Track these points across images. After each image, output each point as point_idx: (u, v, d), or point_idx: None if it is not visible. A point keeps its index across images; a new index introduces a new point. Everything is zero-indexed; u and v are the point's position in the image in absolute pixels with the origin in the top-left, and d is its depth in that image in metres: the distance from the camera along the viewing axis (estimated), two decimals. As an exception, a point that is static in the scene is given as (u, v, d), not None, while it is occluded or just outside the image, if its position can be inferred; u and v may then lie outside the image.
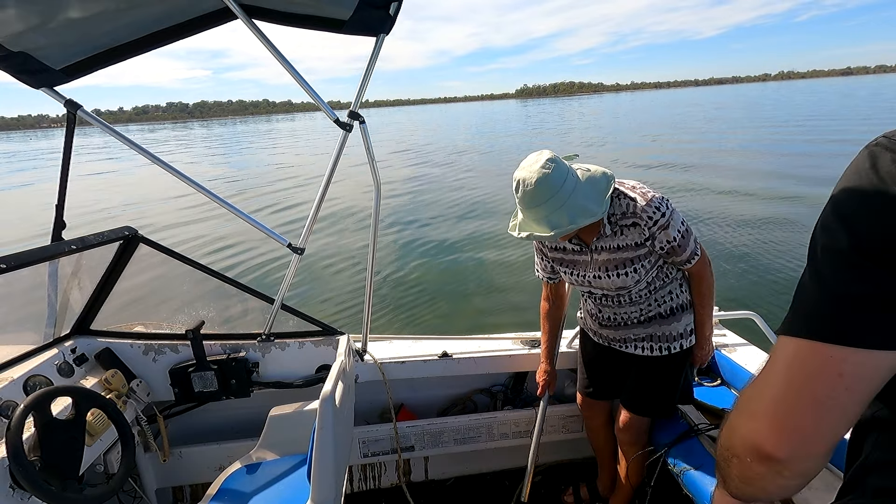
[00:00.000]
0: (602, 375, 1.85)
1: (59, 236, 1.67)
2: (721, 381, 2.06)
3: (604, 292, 1.61)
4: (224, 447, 1.98)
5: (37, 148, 53.21)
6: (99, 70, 1.69)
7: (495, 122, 41.91)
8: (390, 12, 1.49)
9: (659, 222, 1.43)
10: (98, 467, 1.64)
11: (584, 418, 2.00)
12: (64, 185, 1.69)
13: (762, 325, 2.17)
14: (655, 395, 1.67)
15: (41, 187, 16.93)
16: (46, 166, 26.12)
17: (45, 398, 1.33)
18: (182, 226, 8.28)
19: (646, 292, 1.58)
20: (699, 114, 33.96)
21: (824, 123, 20.69)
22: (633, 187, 1.47)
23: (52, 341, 1.77)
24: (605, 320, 1.70)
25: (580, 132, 24.59)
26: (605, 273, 1.53)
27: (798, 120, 23.28)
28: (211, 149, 32.69)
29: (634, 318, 1.64)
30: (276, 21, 1.58)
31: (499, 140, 24.28)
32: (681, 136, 19.32)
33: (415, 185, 11.32)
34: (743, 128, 21.80)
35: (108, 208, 10.81)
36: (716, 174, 10.42)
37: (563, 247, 1.62)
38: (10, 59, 1.48)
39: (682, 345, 1.63)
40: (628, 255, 1.49)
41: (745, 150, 14.22)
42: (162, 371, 1.88)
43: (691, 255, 1.50)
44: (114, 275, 1.78)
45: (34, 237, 7.72)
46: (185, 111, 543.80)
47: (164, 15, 1.53)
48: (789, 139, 16.45)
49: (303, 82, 1.62)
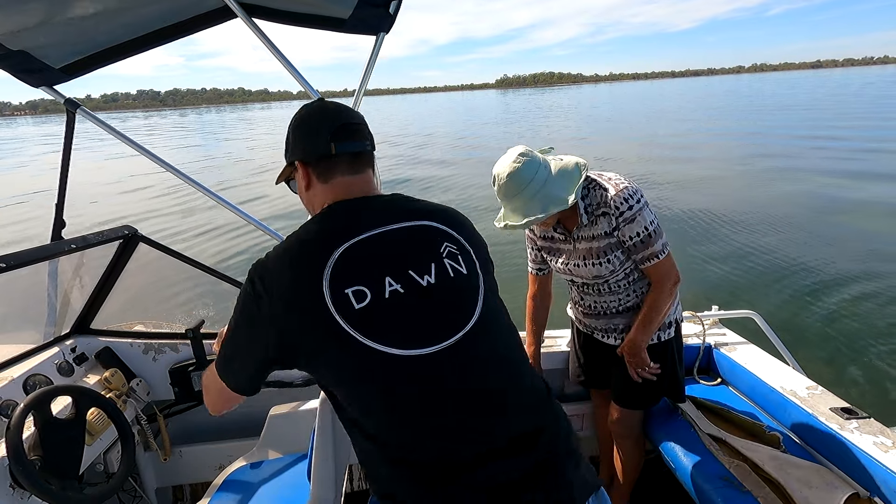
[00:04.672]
0: (589, 364, 1.88)
1: (59, 235, 1.67)
2: (721, 380, 2.06)
3: (584, 281, 1.65)
4: (224, 446, 1.98)
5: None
6: (98, 69, 1.69)
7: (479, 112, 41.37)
8: (390, 11, 1.49)
9: (625, 214, 1.45)
10: (98, 466, 1.64)
11: (593, 406, 2.07)
12: (63, 184, 1.69)
13: (762, 324, 2.17)
14: (640, 388, 1.68)
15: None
16: (6, 155, 25.57)
17: (45, 397, 1.33)
18: (176, 220, 8.27)
19: (625, 283, 1.61)
20: (693, 104, 33.86)
21: (814, 115, 20.69)
22: (609, 178, 1.51)
23: (52, 340, 1.77)
24: (587, 309, 1.73)
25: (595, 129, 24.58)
26: (583, 262, 1.58)
27: (795, 113, 23.31)
28: (187, 139, 32.20)
29: (614, 307, 1.67)
30: (276, 20, 1.58)
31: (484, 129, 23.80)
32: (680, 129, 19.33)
33: (415, 178, 11.31)
34: (745, 119, 21.71)
35: (101, 194, 10.80)
36: (715, 168, 10.42)
37: (550, 235, 1.67)
38: (11, 57, 1.48)
39: (661, 336, 1.65)
40: (601, 244, 1.53)
41: (744, 143, 14.18)
42: (162, 370, 1.88)
43: (652, 255, 1.50)
44: (113, 274, 1.78)
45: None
46: (156, 99, 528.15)
47: (164, 14, 1.53)
48: (788, 133, 16.43)
49: (304, 82, 1.62)
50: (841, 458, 1.49)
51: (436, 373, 0.79)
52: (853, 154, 11.66)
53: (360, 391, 0.80)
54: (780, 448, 1.60)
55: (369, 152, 0.93)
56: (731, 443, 1.65)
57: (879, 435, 1.49)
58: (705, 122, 22.91)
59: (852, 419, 1.56)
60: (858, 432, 1.50)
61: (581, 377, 1.93)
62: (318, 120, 0.91)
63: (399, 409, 0.79)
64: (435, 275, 0.83)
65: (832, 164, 10.77)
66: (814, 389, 1.74)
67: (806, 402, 1.68)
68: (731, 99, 42.18)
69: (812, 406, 1.65)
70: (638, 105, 38.65)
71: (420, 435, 0.79)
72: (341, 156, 0.89)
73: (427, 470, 0.79)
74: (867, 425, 1.53)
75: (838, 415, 1.58)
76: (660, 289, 1.55)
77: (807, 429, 1.63)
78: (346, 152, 0.89)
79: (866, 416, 1.57)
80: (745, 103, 35.14)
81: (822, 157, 11.66)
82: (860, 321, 4.01)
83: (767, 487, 1.46)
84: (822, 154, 12.13)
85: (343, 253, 0.81)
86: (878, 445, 1.44)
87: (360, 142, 0.91)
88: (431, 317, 0.82)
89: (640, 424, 1.82)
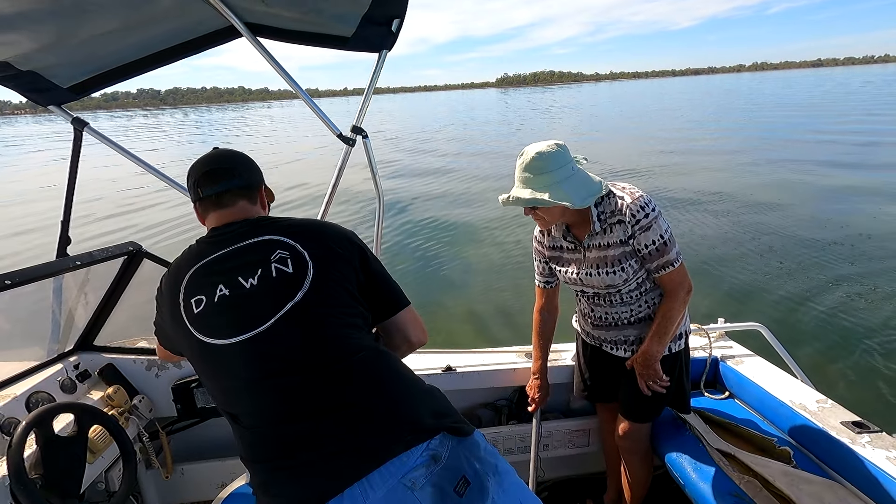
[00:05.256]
0: (595, 378, 1.86)
1: (65, 252, 1.68)
2: (729, 394, 2.03)
3: (595, 291, 1.64)
4: (227, 464, 1.96)
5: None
6: (106, 88, 1.71)
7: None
8: (392, 29, 1.51)
9: (641, 222, 1.48)
10: (99, 485, 1.62)
11: (599, 421, 2.04)
12: (70, 200, 1.71)
13: (769, 336, 2.15)
14: (649, 400, 1.66)
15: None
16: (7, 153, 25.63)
17: (48, 415, 1.32)
18: (179, 234, 8.28)
19: (636, 293, 1.60)
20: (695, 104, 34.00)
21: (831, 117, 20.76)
22: (623, 188, 1.54)
23: (55, 357, 1.77)
24: (597, 320, 1.72)
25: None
26: (596, 270, 1.57)
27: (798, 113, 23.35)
28: (198, 137, 32.32)
29: (625, 318, 1.66)
30: (280, 39, 1.61)
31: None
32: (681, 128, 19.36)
33: (418, 188, 11.35)
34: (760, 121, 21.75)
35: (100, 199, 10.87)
36: (725, 179, 10.42)
37: (559, 245, 1.68)
38: (20, 77, 1.50)
39: (671, 348, 1.64)
40: (616, 252, 1.53)
41: (748, 147, 14.18)
42: (165, 387, 1.87)
43: (667, 263, 1.51)
44: (117, 290, 1.78)
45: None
46: (157, 98, 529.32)
47: (171, 34, 1.56)
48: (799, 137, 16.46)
49: (306, 97, 1.64)
50: (853, 473, 1.46)
51: (243, 358, 0.97)
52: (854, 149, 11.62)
53: (204, 376, 1.04)
54: (791, 463, 1.57)
55: (235, 188, 1.14)
56: (741, 458, 1.62)
57: (892, 449, 1.46)
58: (704, 120, 22.94)
59: (864, 433, 1.53)
60: (871, 446, 1.47)
61: (586, 391, 1.91)
62: (190, 173, 1.17)
63: (227, 389, 1.00)
64: (259, 278, 1.02)
65: (836, 158, 10.70)
66: (823, 403, 1.72)
67: (816, 415, 1.65)
68: (730, 98, 42.34)
69: (822, 420, 1.62)
70: (638, 103, 38.66)
71: (244, 409, 0.98)
72: (207, 198, 1.14)
73: (252, 432, 0.97)
74: (879, 439, 1.51)
75: (849, 428, 1.56)
76: (673, 298, 1.55)
77: (818, 443, 1.60)
78: (210, 195, 1.13)
79: (878, 430, 1.55)
80: (743, 103, 35.24)
81: (827, 153, 11.59)
82: (869, 332, 3.96)
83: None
84: (826, 149, 12.07)
85: (195, 271, 1.07)
86: (891, 460, 1.41)
87: (224, 183, 1.13)
88: (247, 310, 1.00)
89: (648, 438, 1.80)
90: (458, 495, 0.90)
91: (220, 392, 1.01)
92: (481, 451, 0.99)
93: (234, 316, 0.99)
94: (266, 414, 0.95)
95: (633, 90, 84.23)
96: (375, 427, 0.92)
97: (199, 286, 1.04)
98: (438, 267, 6.38)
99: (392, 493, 0.87)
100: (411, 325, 1.19)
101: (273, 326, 0.97)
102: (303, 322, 0.98)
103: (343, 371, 0.96)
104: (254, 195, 1.18)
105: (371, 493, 0.86)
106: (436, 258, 6.71)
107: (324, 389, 0.94)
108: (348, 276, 1.07)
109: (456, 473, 0.92)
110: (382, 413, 0.95)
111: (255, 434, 0.96)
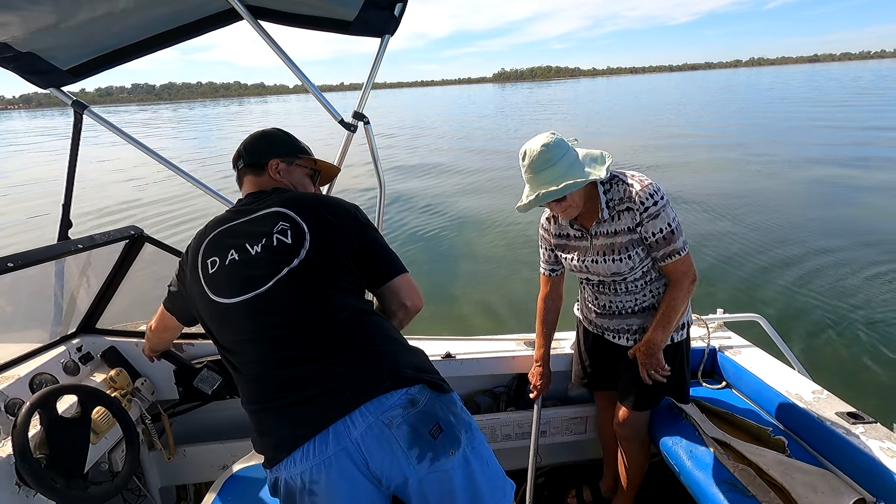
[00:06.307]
0: (595, 366, 1.87)
1: (66, 235, 1.69)
2: (726, 384, 2.05)
3: (600, 278, 1.65)
4: (228, 446, 1.98)
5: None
6: (105, 71, 1.70)
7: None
8: (395, 13, 1.49)
9: (650, 210, 1.48)
10: (103, 465, 1.65)
11: (597, 409, 2.06)
12: (70, 184, 1.70)
13: (767, 327, 2.16)
14: (649, 389, 1.67)
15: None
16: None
17: (51, 396, 1.34)
18: (181, 219, 8.32)
19: (641, 282, 1.61)
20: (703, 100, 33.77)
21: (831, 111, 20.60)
22: (632, 175, 1.55)
23: (58, 339, 1.78)
24: (601, 308, 1.73)
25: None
26: (602, 258, 1.58)
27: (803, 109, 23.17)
28: (196, 132, 32.11)
29: (629, 307, 1.66)
30: (281, 22, 1.59)
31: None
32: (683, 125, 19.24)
33: (418, 178, 11.32)
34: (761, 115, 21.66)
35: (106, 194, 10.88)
36: (722, 172, 10.37)
37: (566, 233, 1.68)
38: (19, 59, 1.49)
39: (674, 338, 1.65)
40: (623, 239, 1.54)
41: (747, 143, 14.11)
42: (167, 370, 1.88)
43: (673, 252, 1.52)
44: (119, 274, 1.79)
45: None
46: (151, 93, 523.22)
47: (171, 16, 1.54)
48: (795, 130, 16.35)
49: (308, 83, 1.62)
50: (847, 462, 1.48)
51: (244, 315, 1.09)
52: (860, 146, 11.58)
53: (211, 330, 1.16)
54: (786, 452, 1.59)
55: (245, 166, 1.33)
56: (736, 447, 1.64)
57: (886, 439, 1.47)
58: (701, 116, 22.78)
59: (858, 423, 1.55)
60: (864, 437, 1.49)
61: (585, 379, 1.92)
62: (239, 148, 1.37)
63: (230, 342, 1.12)
64: (262, 246, 1.13)
65: (838, 152, 10.65)
66: (819, 393, 1.73)
67: (811, 406, 1.67)
68: (728, 93, 41.93)
69: (818, 410, 1.64)
70: (633, 100, 38.35)
71: (244, 358, 1.10)
72: (238, 173, 1.36)
73: (249, 378, 1.08)
74: (873, 430, 1.52)
75: (844, 419, 1.57)
76: (678, 287, 1.56)
77: (812, 433, 1.62)
78: (247, 164, 1.32)
79: (872, 421, 1.56)
80: (742, 98, 34.93)
81: (826, 148, 11.54)
82: (866, 325, 3.98)
83: (773, 492, 1.45)
84: (826, 143, 12.00)
85: (216, 234, 1.20)
86: (885, 450, 1.43)
87: (241, 160, 1.33)
88: (249, 274, 1.11)
89: (646, 427, 1.82)
90: (432, 437, 0.99)
91: (224, 344, 1.13)
92: (458, 408, 1.07)
93: (238, 278, 1.12)
94: (261, 362, 1.06)
95: (631, 86, 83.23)
96: (357, 372, 1.02)
97: (217, 249, 1.17)
98: (439, 254, 6.39)
99: (370, 429, 0.97)
100: (405, 290, 1.24)
101: (271, 288, 1.09)
102: (296, 286, 1.10)
103: (330, 325, 1.07)
104: (258, 170, 1.32)
105: (353, 429, 0.97)
106: (438, 245, 6.71)
107: (311, 339, 1.05)
108: (343, 244, 1.17)
109: (432, 419, 1.00)
110: (365, 360, 1.04)
111: (250, 381, 1.08)
